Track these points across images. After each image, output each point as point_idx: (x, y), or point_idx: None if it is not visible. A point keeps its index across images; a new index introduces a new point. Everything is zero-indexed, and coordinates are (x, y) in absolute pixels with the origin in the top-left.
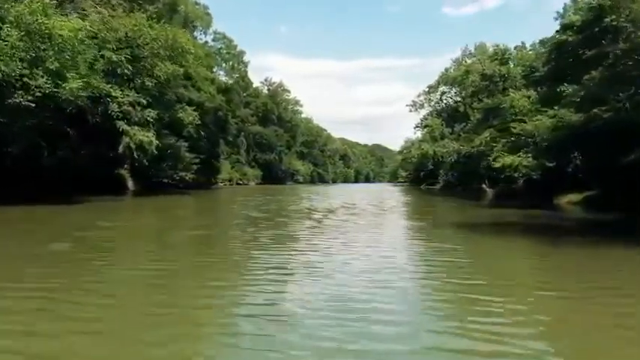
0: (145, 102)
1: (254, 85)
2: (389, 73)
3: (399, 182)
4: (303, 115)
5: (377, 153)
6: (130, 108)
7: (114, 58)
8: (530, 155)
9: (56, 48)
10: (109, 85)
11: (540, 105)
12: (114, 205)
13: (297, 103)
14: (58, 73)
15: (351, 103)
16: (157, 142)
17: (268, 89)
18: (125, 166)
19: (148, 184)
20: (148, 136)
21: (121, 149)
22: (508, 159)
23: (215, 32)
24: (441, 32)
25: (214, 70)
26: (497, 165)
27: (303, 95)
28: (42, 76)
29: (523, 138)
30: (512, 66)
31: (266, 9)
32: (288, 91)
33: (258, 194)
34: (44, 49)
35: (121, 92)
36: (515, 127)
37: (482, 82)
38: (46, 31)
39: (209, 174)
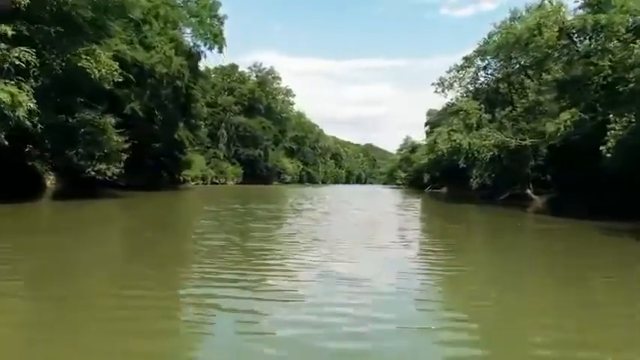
0: (10, 33)
1: (240, 69)
2: (383, 74)
3: (395, 184)
4: (294, 107)
5: (370, 153)
6: None
7: None
8: None
9: None
10: None
11: None
12: None
13: (288, 93)
14: None
15: (344, 102)
16: (37, 108)
17: (257, 76)
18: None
19: (75, 181)
20: (10, 92)
21: None
22: None
23: None
24: (439, 33)
25: (179, 27)
26: None
27: (297, 94)
28: None
29: None
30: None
31: (261, 7)
32: (279, 79)
33: (230, 199)
34: None
35: None
36: None
37: (558, 42)
38: None
39: (172, 169)
